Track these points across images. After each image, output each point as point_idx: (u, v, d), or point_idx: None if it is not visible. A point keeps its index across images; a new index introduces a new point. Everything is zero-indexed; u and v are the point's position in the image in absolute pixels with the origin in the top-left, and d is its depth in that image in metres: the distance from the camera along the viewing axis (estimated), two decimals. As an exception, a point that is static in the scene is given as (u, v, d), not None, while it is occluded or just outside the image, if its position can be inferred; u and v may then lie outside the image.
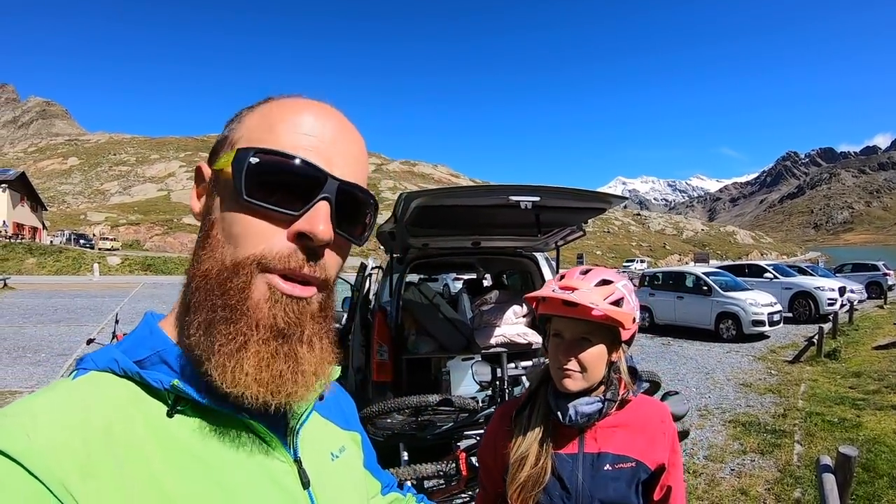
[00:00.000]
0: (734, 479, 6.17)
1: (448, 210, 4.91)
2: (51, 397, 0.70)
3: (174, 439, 0.73)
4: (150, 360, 0.77)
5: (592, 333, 1.65)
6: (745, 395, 9.85)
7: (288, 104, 0.81)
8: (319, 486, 0.87)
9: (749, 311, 16.04)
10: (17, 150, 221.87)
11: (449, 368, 6.11)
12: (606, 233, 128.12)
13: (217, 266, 0.76)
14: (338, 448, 1.00)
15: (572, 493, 1.67)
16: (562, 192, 4.63)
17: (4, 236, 62.85)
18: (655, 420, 1.77)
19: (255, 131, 0.79)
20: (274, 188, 0.75)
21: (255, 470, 0.79)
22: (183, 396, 0.75)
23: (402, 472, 4.01)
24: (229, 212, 0.77)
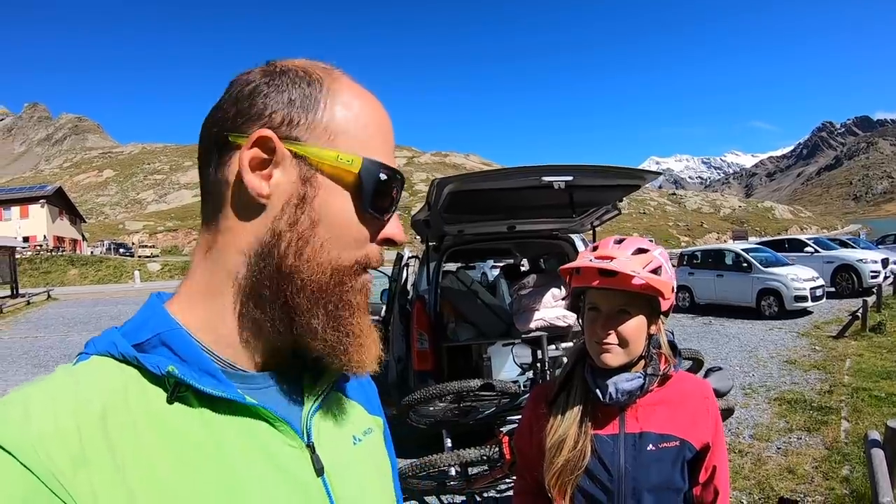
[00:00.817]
0: (781, 457, 6.07)
1: (481, 194, 4.90)
2: (47, 385, 0.68)
3: (173, 427, 0.70)
4: (151, 342, 0.74)
5: (631, 305, 1.59)
6: (789, 372, 9.67)
7: (368, 98, 0.82)
8: (336, 473, 0.83)
9: (791, 286, 15.69)
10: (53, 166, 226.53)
11: (490, 354, 6.11)
12: (643, 214, 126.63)
13: (329, 267, 0.77)
14: (362, 431, 0.95)
15: (614, 475, 1.61)
16: (594, 169, 4.58)
17: (46, 250, 64.23)
18: (698, 397, 1.70)
19: (355, 131, 0.79)
20: (381, 198, 0.79)
21: (262, 457, 0.76)
22: (182, 382, 0.71)
23: (445, 458, 4.01)
24: (344, 214, 0.77)
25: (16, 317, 26.27)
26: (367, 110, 0.80)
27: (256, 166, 0.74)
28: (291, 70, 0.79)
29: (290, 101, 0.76)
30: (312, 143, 0.76)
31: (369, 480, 0.91)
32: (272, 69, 0.79)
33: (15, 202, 72.67)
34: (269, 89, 0.76)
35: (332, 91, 0.78)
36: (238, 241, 0.76)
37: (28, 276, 50.17)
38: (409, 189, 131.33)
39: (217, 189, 0.77)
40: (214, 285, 0.77)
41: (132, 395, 0.69)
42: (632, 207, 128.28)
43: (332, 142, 0.76)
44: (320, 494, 0.80)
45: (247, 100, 0.76)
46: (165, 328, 0.74)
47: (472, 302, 6.23)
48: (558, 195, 4.71)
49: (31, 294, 34.63)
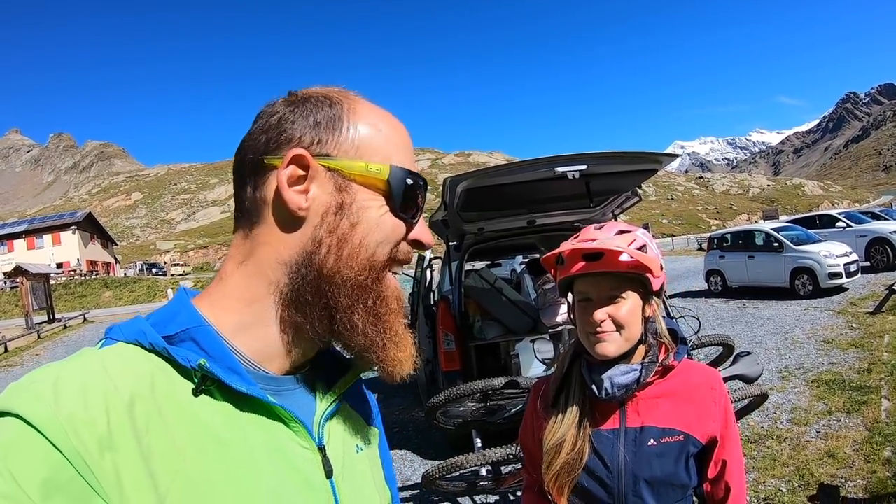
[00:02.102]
0: (820, 441, 5.92)
1: (496, 190, 4.86)
2: (76, 366, 0.70)
3: (197, 419, 0.73)
4: (179, 336, 0.77)
5: (621, 287, 1.55)
6: (826, 352, 9.44)
7: (385, 114, 0.89)
8: (342, 477, 0.88)
9: (824, 263, 15.33)
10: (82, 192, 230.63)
11: (518, 351, 6.07)
12: (670, 199, 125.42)
13: (367, 266, 0.83)
14: (363, 441, 1.00)
15: (614, 471, 1.56)
16: (608, 156, 4.53)
17: (79, 274, 65.38)
18: (704, 387, 1.63)
19: (378, 144, 0.85)
20: (408, 202, 0.86)
21: (277, 455, 0.80)
22: (209, 376, 0.75)
23: (472, 459, 3.98)
24: (378, 216, 0.84)
25: (53, 341, 26.69)
26: (387, 124, 0.88)
27: (294, 182, 0.81)
28: (312, 97, 0.85)
29: (317, 124, 0.83)
30: (342, 157, 0.83)
31: (368, 489, 0.96)
32: (294, 98, 0.86)
33: (47, 230, 74.43)
34: (294, 116, 0.83)
35: (353, 110, 0.85)
36: (279, 253, 0.82)
37: (63, 300, 51.10)
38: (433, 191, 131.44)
39: (255, 207, 0.83)
40: (253, 293, 0.82)
41: (159, 385, 0.72)
42: (659, 194, 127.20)
43: (360, 154, 0.83)
44: (328, 496, 0.84)
45: (276, 128, 0.83)
46: (194, 324, 0.78)
47: (496, 299, 6.20)
48: (574, 185, 4.66)
49: (67, 318, 35.27)
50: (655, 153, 4.67)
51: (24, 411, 0.62)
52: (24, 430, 0.62)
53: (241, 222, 0.86)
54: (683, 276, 24.03)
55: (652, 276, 1.55)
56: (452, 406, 4.45)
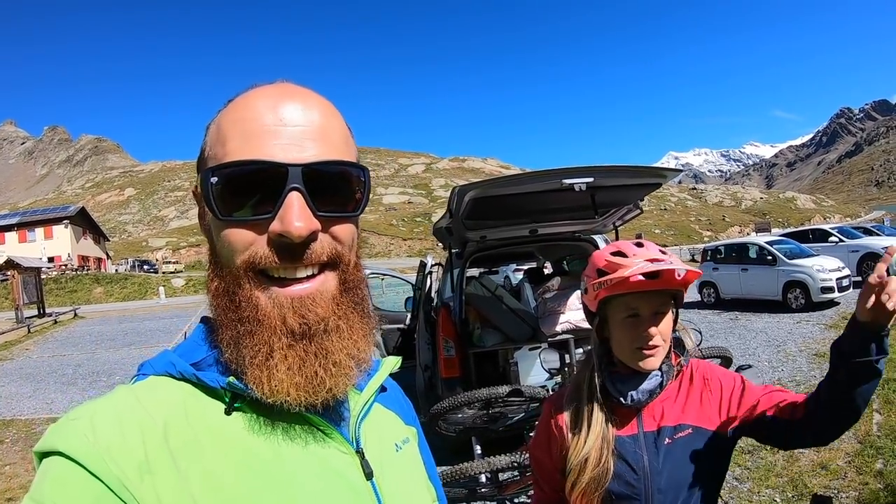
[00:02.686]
0: (813, 453, 5.98)
1: (502, 200, 4.91)
2: (110, 401, 0.74)
3: (232, 435, 0.75)
4: (206, 361, 0.80)
5: (666, 304, 1.61)
6: (819, 365, 9.52)
7: (238, 102, 0.80)
8: (383, 477, 0.88)
9: (817, 277, 15.46)
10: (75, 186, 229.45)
11: (517, 359, 6.10)
12: (663, 210, 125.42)
13: (223, 282, 0.79)
14: (401, 440, 1.00)
15: (640, 473, 1.61)
16: (615, 170, 4.60)
17: (71, 269, 65.03)
18: (698, 378, 1.70)
19: (213, 145, 0.79)
20: (244, 196, 0.75)
21: (315, 462, 0.80)
22: (240, 394, 0.76)
23: (475, 466, 4.01)
24: (217, 229, 0.78)
25: (44, 336, 26.60)
26: (232, 115, 0.78)
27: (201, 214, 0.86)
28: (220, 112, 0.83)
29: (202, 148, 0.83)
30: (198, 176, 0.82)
31: (412, 485, 0.97)
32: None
33: (39, 223, 73.94)
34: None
35: (219, 118, 0.80)
36: None
37: (54, 295, 50.74)
38: (428, 195, 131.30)
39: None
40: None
41: (192, 409, 0.75)
42: (652, 204, 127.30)
43: (203, 167, 0.80)
44: (370, 497, 0.84)
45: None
46: (218, 349, 0.80)
47: (496, 307, 6.23)
48: (580, 197, 4.73)
49: (58, 313, 35.18)
50: (661, 168, 4.75)
51: (65, 447, 0.66)
52: (66, 465, 0.65)
53: None
54: None
55: (684, 291, 1.64)
56: (455, 413, 4.49)
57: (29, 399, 12.70)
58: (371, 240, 79.62)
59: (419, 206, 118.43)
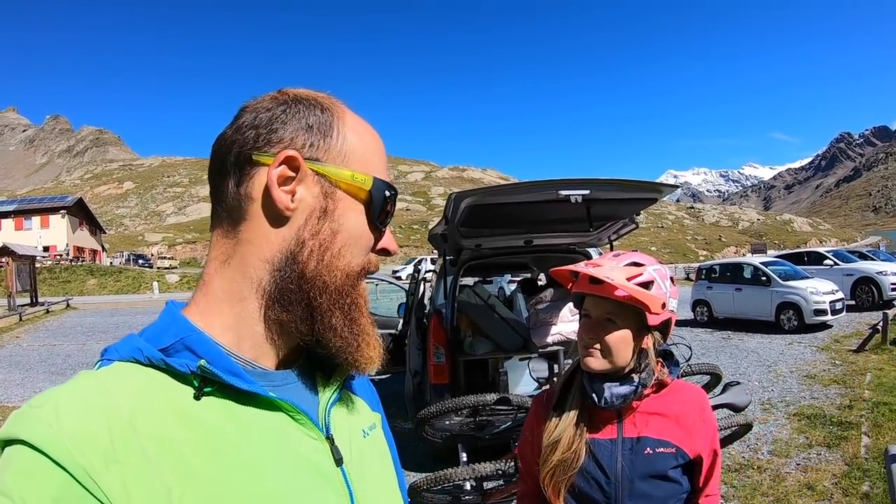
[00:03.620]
0: (800, 473, 6.01)
1: (499, 208, 4.92)
2: (74, 387, 0.72)
3: (201, 421, 0.75)
4: (174, 347, 0.79)
5: (617, 315, 1.64)
6: (809, 387, 9.56)
7: (367, 125, 0.93)
8: (352, 463, 0.90)
9: (810, 300, 15.51)
10: (74, 177, 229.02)
11: (506, 368, 6.11)
12: (660, 228, 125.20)
13: (344, 271, 0.86)
14: (368, 426, 1.02)
15: (611, 477, 1.66)
16: (612, 183, 4.60)
17: (66, 259, 64.92)
18: (694, 408, 1.74)
19: (363, 154, 0.89)
20: (384, 212, 0.90)
21: (285, 448, 0.81)
22: (210, 379, 0.76)
23: (460, 472, 4.01)
24: (357, 225, 0.88)
25: (35, 325, 26.53)
26: (370, 136, 0.92)
27: (282, 183, 0.82)
28: (305, 99, 0.88)
29: (309, 127, 0.85)
30: (330, 163, 0.86)
31: (379, 471, 0.99)
32: (285, 97, 0.88)
33: (36, 212, 73.88)
34: (287, 116, 0.85)
35: (342, 119, 0.89)
36: (262, 250, 0.83)
37: (48, 284, 50.65)
38: (426, 203, 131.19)
39: (238, 203, 0.84)
40: (237, 292, 0.84)
41: (160, 395, 0.74)
42: (649, 221, 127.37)
43: (347, 163, 0.87)
44: (340, 483, 0.86)
45: (267, 125, 0.84)
46: (187, 333, 0.80)
47: (488, 316, 6.23)
48: (575, 209, 4.73)
49: (51, 303, 35.03)
50: (657, 183, 4.77)
51: (28, 436, 0.64)
52: (29, 454, 0.64)
53: (221, 218, 0.87)
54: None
55: (649, 313, 1.63)
56: (442, 419, 4.49)
57: (18, 386, 12.71)
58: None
59: (417, 213, 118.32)
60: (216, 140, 0.88)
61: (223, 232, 0.86)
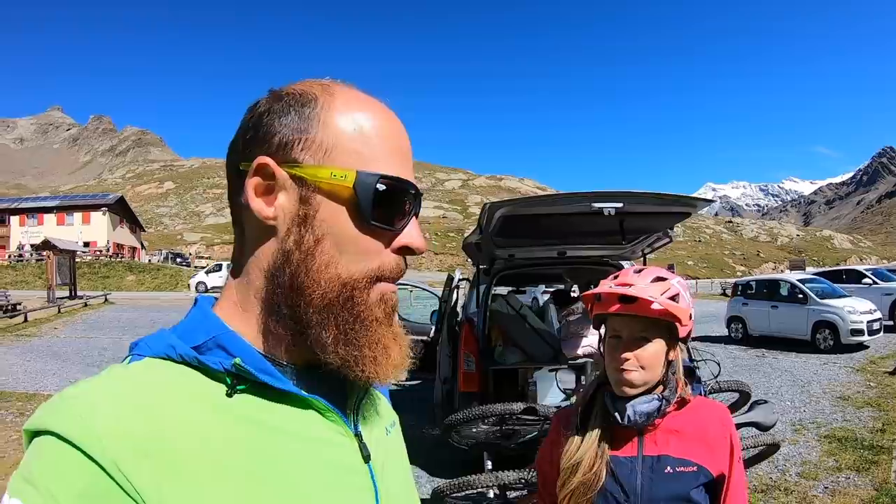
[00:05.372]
0: (827, 497, 5.93)
1: (532, 219, 4.96)
2: (107, 381, 0.71)
3: (234, 418, 0.74)
4: (206, 344, 0.78)
5: (650, 331, 1.64)
6: (841, 408, 9.41)
7: (378, 113, 0.84)
8: (378, 460, 0.89)
9: (847, 319, 15.22)
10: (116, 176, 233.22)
11: (535, 379, 6.12)
12: (698, 242, 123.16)
13: (337, 283, 0.80)
14: (390, 423, 1.01)
15: (630, 494, 1.65)
16: (645, 196, 4.63)
17: (105, 255, 66.13)
18: (716, 425, 1.72)
19: (353, 143, 0.81)
20: (386, 209, 0.81)
21: (317, 445, 0.80)
22: (243, 377, 0.76)
23: (483, 479, 4.05)
24: (346, 229, 0.80)
25: (73, 317, 27.18)
26: (365, 120, 0.82)
27: (262, 192, 0.80)
28: (289, 94, 0.83)
29: (287, 125, 0.80)
30: (308, 162, 0.79)
31: (401, 469, 0.99)
32: (274, 95, 0.84)
33: (78, 209, 75.40)
34: (269, 116, 0.81)
35: (327, 106, 0.81)
36: (258, 260, 0.82)
37: (87, 279, 51.45)
38: (462, 211, 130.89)
39: (237, 214, 0.85)
40: (245, 301, 0.83)
41: (193, 392, 0.74)
42: (687, 235, 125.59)
43: (328, 158, 0.79)
44: (367, 479, 0.86)
45: (252, 129, 0.82)
46: (220, 331, 0.80)
47: (520, 326, 6.26)
48: (609, 221, 4.76)
49: (89, 297, 35.76)
50: (692, 197, 4.76)
51: (59, 427, 0.64)
52: (59, 446, 0.63)
53: (234, 226, 0.87)
54: (704, 320, 23.80)
55: (679, 325, 1.65)
56: (469, 426, 4.54)
57: (53, 376, 13.07)
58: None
59: (453, 221, 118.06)
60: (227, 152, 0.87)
61: (237, 241, 0.87)
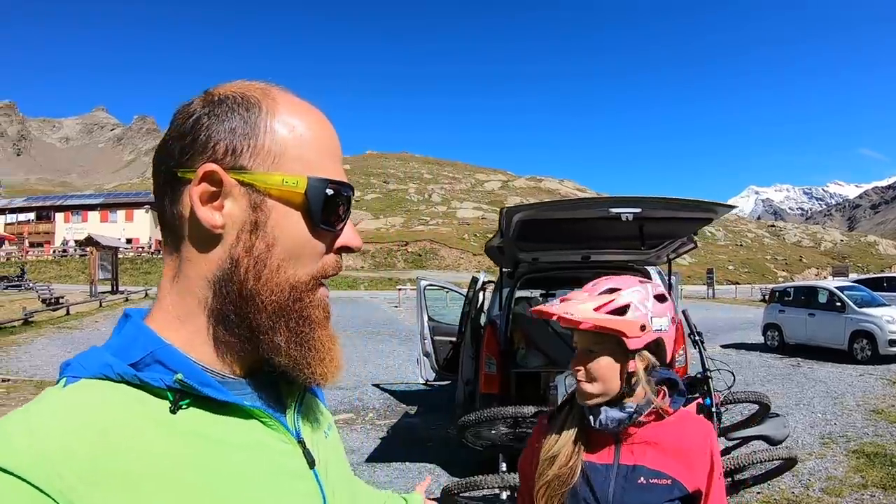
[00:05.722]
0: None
1: (553, 224, 4.96)
2: (44, 407, 0.70)
3: (179, 434, 0.73)
4: (144, 361, 0.76)
5: (597, 344, 1.65)
6: (874, 422, 9.13)
7: (311, 119, 0.85)
8: (321, 464, 0.90)
9: (885, 328, 14.76)
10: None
11: (557, 383, 6.13)
12: (739, 246, 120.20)
13: (287, 286, 0.80)
14: (327, 425, 1.01)
15: (601, 501, 1.65)
16: (664, 202, 4.61)
17: (147, 252, 67.39)
18: (697, 440, 1.69)
19: (298, 149, 0.81)
20: (331, 212, 0.83)
21: (262, 454, 0.80)
22: (186, 392, 0.74)
23: (490, 480, 4.07)
24: (297, 233, 0.81)
25: (114, 311, 27.66)
26: (307, 126, 0.83)
27: (207, 199, 0.78)
28: (229, 97, 0.81)
29: (232, 131, 0.79)
30: (257, 168, 0.79)
31: (342, 471, 1.00)
32: (210, 99, 0.82)
33: (121, 206, 77.29)
34: (209, 121, 0.79)
35: (271, 112, 0.81)
36: (202, 269, 0.80)
37: (129, 275, 52.40)
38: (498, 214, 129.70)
39: (174, 222, 0.81)
40: (185, 311, 0.81)
41: (136, 411, 0.72)
42: (728, 239, 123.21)
43: (277, 164, 0.79)
44: (313, 484, 0.86)
45: (189, 134, 0.79)
46: (156, 346, 0.77)
47: (543, 329, 6.26)
48: (628, 227, 4.74)
49: (130, 291, 36.75)
50: (711, 203, 4.70)
51: (3, 461, 0.61)
52: (5, 480, 0.61)
53: (165, 234, 0.84)
54: (741, 327, 23.34)
55: (625, 337, 1.62)
56: (484, 428, 4.56)
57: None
58: (441, 252, 79.52)
59: (492, 222, 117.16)
60: (154, 153, 0.85)
61: (169, 249, 0.83)
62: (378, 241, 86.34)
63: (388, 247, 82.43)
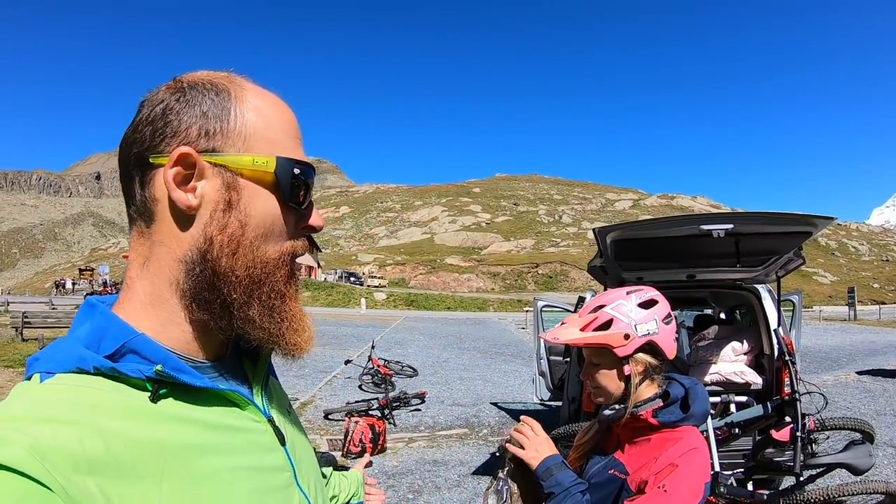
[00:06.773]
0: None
1: (647, 243, 4.96)
2: (27, 403, 0.71)
3: (164, 420, 0.75)
4: (119, 352, 0.78)
5: (596, 356, 1.88)
6: None
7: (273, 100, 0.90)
8: (289, 441, 0.95)
9: None
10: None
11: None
12: (885, 262, 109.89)
13: (260, 261, 0.85)
14: (287, 404, 1.07)
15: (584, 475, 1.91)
16: (756, 217, 4.54)
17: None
18: (667, 446, 1.74)
19: (266, 132, 0.86)
20: (297, 191, 0.88)
21: (239, 433, 0.85)
22: (164, 380, 0.77)
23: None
24: (268, 211, 0.86)
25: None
26: (273, 111, 0.88)
27: (181, 181, 0.81)
28: (199, 84, 0.85)
29: (203, 114, 0.83)
30: (229, 150, 0.83)
31: (305, 446, 1.05)
32: (179, 85, 0.85)
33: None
34: (180, 105, 0.83)
35: (240, 98, 0.86)
36: (174, 251, 0.82)
37: (269, 296, 55.22)
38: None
39: (145, 206, 0.83)
40: (157, 294, 0.83)
41: (119, 402, 0.73)
42: (873, 254, 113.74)
43: (247, 146, 0.84)
44: (285, 462, 0.92)
45: (161, 119, 0.82)
46: (129, 336, 0.79)
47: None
48: (724, 244, 4.68)
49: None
50: (809, 216, 4.50)
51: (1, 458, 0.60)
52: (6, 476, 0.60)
53: (134, 220, 0.85)
54: (883, 350, 21.23)
55: (612, 348, 1.80)
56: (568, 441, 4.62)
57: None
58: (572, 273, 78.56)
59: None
60: (120, 141, 0.86)
61: (138, 234, 0.85)
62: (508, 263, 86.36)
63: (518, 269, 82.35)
